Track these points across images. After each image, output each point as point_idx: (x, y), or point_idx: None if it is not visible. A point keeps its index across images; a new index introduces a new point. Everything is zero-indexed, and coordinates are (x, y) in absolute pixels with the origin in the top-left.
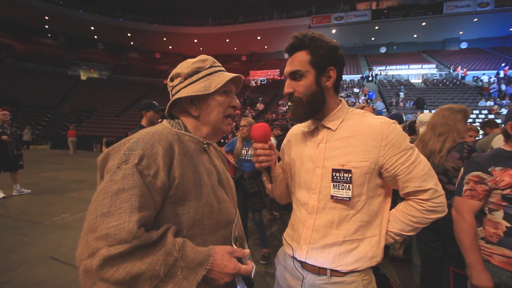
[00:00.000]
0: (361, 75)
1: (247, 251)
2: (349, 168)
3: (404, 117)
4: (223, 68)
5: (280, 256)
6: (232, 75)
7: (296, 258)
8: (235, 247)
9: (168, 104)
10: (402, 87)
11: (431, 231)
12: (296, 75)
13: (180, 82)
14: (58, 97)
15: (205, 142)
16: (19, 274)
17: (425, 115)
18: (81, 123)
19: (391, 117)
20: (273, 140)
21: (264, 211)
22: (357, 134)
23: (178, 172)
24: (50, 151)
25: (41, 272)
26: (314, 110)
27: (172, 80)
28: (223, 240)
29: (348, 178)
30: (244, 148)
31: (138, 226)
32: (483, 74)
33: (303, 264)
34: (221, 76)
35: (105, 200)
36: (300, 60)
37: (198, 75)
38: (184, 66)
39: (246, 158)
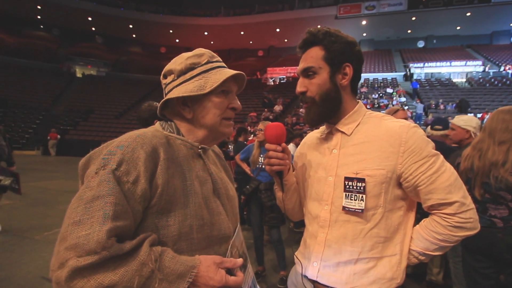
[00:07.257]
0: (403, 73)
1: (239, 260)
2: (363, 177)
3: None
4: (223, 64)
5: (292, 276)
6: (232, 72)
7: (307, 277)
8: None
9: (159, 105)
10: None
11: (483, 255)
12: (309, 72)
13: (173, 80)
14: (51, 96)
15: (200, 147)
16: None
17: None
18: (76, 126)
19: (435, 122)
20: (291, 148)
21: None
22: (373, 139)
23: (162, 179)
24: (41, 157)
25: None
26: (329, 110)
27: (165, 77)
28: None
29: (362, 188)
30: (262, 155)
31: (108, 236)
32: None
33: (315, 284)
34: (218, 74)
35: (78, 207)
36: (313, 56)
37: (193, 72)
38: (178, 62)
39: (263, 166)
